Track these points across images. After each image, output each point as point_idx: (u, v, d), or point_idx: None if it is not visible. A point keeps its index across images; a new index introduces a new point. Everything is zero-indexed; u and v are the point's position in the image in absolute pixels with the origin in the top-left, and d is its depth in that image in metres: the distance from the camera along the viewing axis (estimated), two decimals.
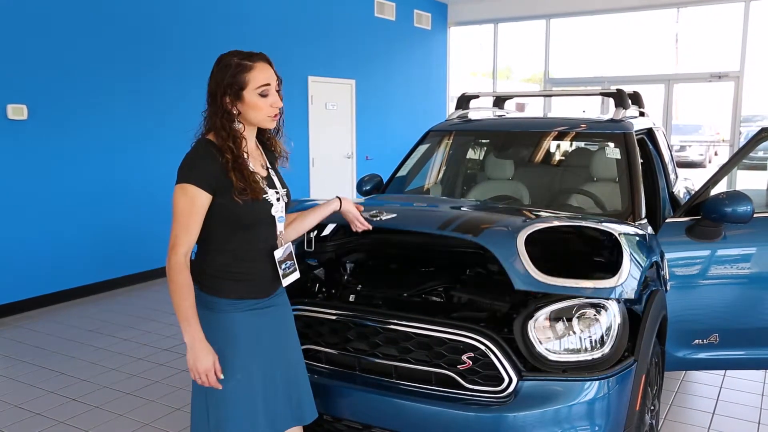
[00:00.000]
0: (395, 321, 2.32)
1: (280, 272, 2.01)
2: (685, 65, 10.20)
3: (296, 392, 2.08)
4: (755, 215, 2.80)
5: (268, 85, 1.90)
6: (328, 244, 2.94)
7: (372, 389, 2.29)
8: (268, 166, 2.05)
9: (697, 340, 2.98)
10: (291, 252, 2.05)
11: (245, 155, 1.91)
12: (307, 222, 2.17)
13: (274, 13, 7.60)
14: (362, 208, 2.30)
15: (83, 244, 5.77)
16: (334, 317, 2.45)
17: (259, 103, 1.89)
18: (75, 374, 4.01)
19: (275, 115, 1.95)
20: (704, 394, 3.63)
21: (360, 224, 2.25)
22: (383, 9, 9.43)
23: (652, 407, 2.59)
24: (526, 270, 2.13)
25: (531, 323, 2.16)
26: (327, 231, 3.25)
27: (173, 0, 6.37)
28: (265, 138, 2.07)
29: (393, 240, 3.03)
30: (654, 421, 2.63)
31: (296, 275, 2.07)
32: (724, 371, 3.83)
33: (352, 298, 2.66)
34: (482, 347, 2.15)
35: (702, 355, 3.01)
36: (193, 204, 1.83)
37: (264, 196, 1.94)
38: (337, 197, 2.24)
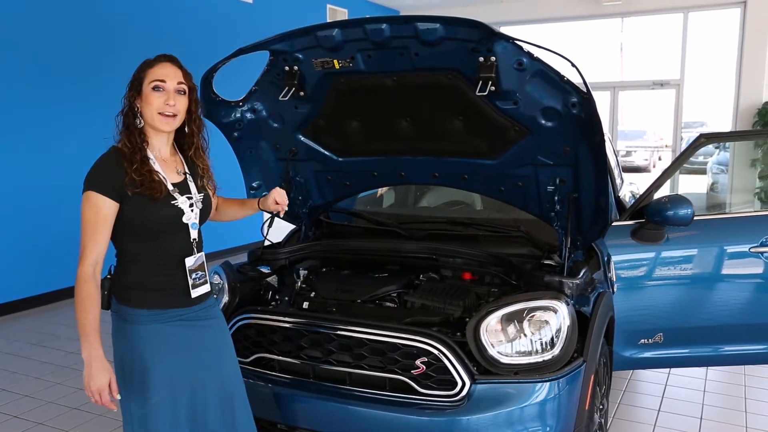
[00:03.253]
0: (349, 327, 2.32)
1: (190, 282, 1.93)
2: (630, 73, 10.55)
3: (230, 409, 2.02)
4: (696, 218, 2.90)
5: (163, 81, 1.87)
6: (281, 251, 2.92)
7: (326, 396, 2.28)
8: (186, 172, 1.99)
9: (643, 340, 3.07)
10: (203, 262, 2.00)
11: (144, 149, 1.88)
12: (229, 213, 2.22)
13: (209, 20, 7.52)
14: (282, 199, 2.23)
15: (23, 254, 5.56)
16: (287, 325, 2.43)
17: (151, 98, 1.86)
18: (17, 390, 3.86)
19: (169, 116, 1.89)
20: (650, 392, 3.74)
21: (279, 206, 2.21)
22: (335, 15, 9.43)
23: (601, 406, 2.65)
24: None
25: (483, 327, 2.19)
26: (280, 238, 3.23)
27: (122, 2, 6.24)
28: (187, 148, 2.01)
29: (346, 246, 3.03)
30: (603, 420, 2.70)
31: (206, 288, 1.99)
32: (668, 369, 3.96)
33: (305, 305, 2.65)
34: (435, 352, 2.17)
35: (648, 355, 3.10)
36: (99, 212, 1.80)
37: (172, 201, 1.90)
38: (258, 200, 2.25)
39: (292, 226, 3.31)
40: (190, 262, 1.93)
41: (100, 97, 6.08)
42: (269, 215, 2.88)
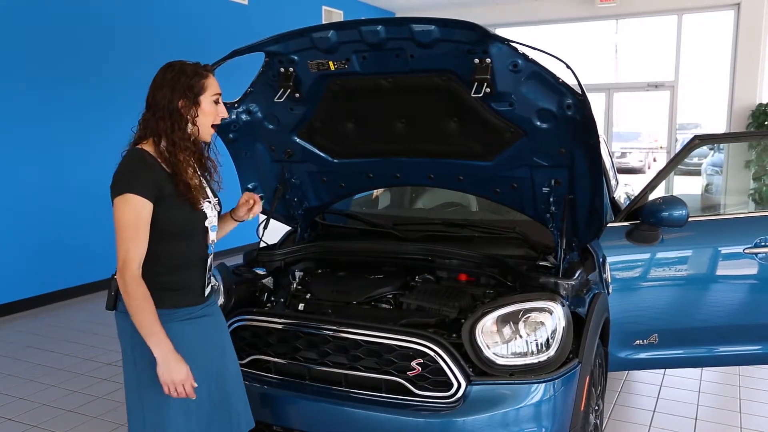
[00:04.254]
0: (344, 329, 2.32)
1: (207, 279, 2.01)
2: (624, 75, 10.57)
3: (234, 402, 2.07)
4: (690, 219, 2.91)
5: (220, 94, 1.96)
6: (277, 253, 2.92)
7: (322, 398, 2.28)
8: (200, 175, 2.02)
9: (638, 341, 3.08)
10: (212, 262, 2.09)
11: (188, 161, 1.91)
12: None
13: (207, 19, 7.52)
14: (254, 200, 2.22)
15: (18, 256, 5.53)
16: (282, 326, 2.43)
17: (211, 110, 1.94)
18: (11, 392, 3.84)
19: (217, 125, 1.99)
20: (646, 392, 3.75)
21: (251, 210, 2.19)
22: (331, 17, 9.44)
23: (597, 407, 2.65)
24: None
25: (478, 328, 2.19)
26: (276, 240, 3.23)
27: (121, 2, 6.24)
28: (197, 153, 2.03)
29: (341, 248, 3.03)
30: (598, 421, 2.71)
31: (215, 284, 2.10)
32: (663, 370, 3.97)
33: (301, 306, 2.65)
34: (431, 353, 2.17)
35: (643, 355, 3.10)
36: (139, 214, 1.80)
37: (200, 205, 1.93)
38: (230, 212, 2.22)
39: (287, 228, 3.31)
40: (209, 262, 2.01)
41: (97, 98, 6.07)
42: (264, 217, 2.88)
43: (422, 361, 2.19)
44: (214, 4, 7.45)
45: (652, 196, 3.10)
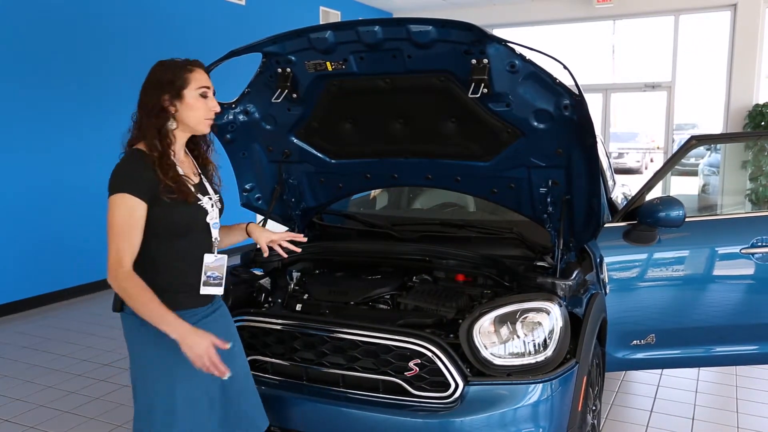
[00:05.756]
0: (342, 329, 2.31)
1: (203, 278, 1.96)
2: (622, 75, 10.59)
3: (243, 402, 2.07)
4: (687, 219, 2.91)
5: (209, 88, 1.94)
6: (274, 253, 2.91)
7: (320, 399, 2.28)
8: (200, 173, 2.03)
9: (635, 341, 3.08)
10: (223, 265, 2.01)
11: (172, 154, 1.89)
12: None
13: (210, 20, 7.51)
14: (283, 237, 2.30)
15: (14, 257, 5.52)
16: (280, 327, 2.43)
17: (198, 104, 1.91)
18: (7, 394, 3.83)
19: (210, 120, 1.97)
20: (643, 393, 3.75)
21: (282, 249, 2.29)
22: (328, 17, 9.44)
23: (594, 407, 2.66)
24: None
25: (476, 328, 2.19)
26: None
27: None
28: (196, 152, 2.06)
29: (339, 248, 3.03)
30: (596, 421, 2.71)
31: (219, 290, 2.01)
32: (660, 370, 3.97)
33: (298, 307, 2.64)
34: (429, 353, 2.17)
35: (640, 356, 3.11)
36: (132, 214, 1.79)
37: (198, 202, 1.93)
38: (246, 224, 2.26)
39: (285, 228, 3.31)
40: (209, 258, 1.97)
41: (93, 98, 6.06)
42: (262, 217, 2.88)
43: (420, 361, 2.19)
44: (211, 5, 7.44)
45: (649, 197, 3.11)
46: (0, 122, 5.34)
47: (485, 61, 2.14)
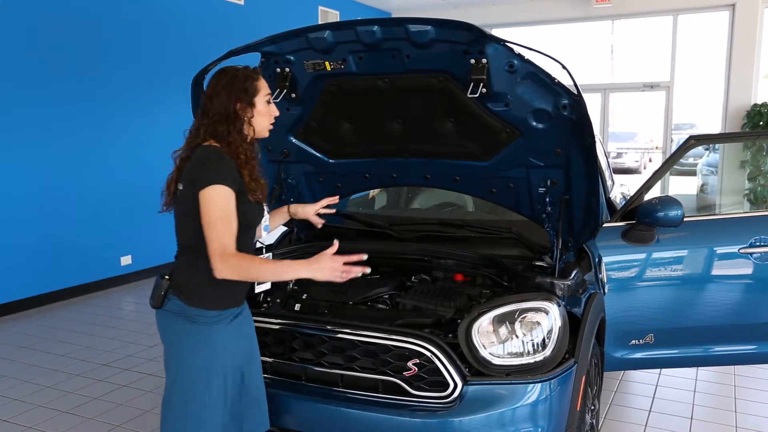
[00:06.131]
0: (340, 329, 2.31)
1: None
2: (620, 75, 10.60)
3: (261, 396, 2.16)
4: (686, 219, 2.92)
5: (271, 94, 2.07)
6: (273, 253, 2.91)
7: (318, 398, 2.28)
8: None
9: (633, 341, 3.09)
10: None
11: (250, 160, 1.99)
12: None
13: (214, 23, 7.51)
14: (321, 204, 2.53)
15: (13, 257, 5.52)
16: (279, 327, 2.42)
17: (266, 110, 2.03)
18: (6, 394, 3.83)
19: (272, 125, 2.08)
20: (641, 392, 3.76)
21: (318, 218, 2.52)
22: (327, 17, 9.44)
23: (593, 407, 2.66)
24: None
25: (475, 328, 2.19)
26: (272, 240, 3.22)
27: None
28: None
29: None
30: (594, 421, 2.71)
31: (267, 285, 2.23)
32: (659, 370, 3.98)
33: (297, 307, 2.64)
34: (427, 353, 2.17)
35: (639, 355, 3.11)
36: (230, 203, 1.89)
37: (264, 201, 2.07)
38: (287, 207, 2.48)
39: (284, 228, 3.31)
40: (264, 256, 2.16)
41: (94, 98, 6.04)
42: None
43: (418, 361, 2.19)
44: (210, 5, 7.43)
45: (647, 197, 3.11)
46: (2, 122, 5.33)
47: (484, 60, 2.15)
